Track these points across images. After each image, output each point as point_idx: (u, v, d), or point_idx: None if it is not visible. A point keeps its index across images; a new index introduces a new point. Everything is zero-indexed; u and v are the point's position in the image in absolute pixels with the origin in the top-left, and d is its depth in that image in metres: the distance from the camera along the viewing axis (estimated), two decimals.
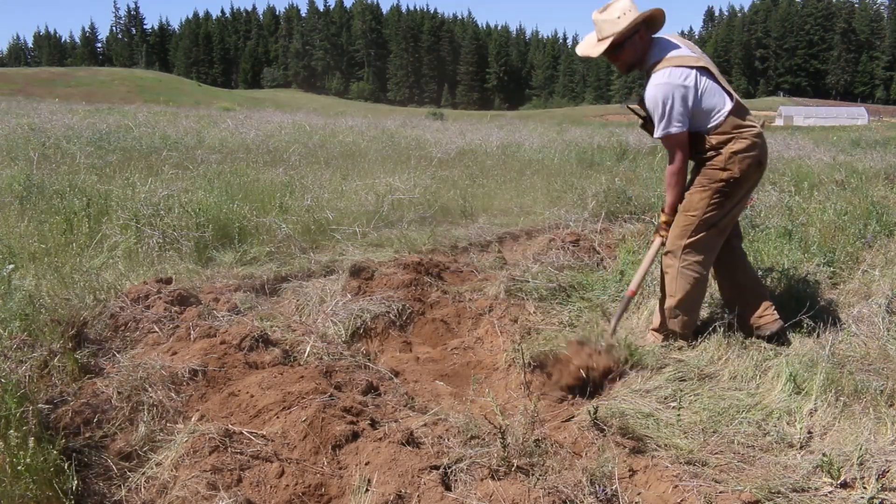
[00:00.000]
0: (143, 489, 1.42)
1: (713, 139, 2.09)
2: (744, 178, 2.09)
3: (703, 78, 2.06)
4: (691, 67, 2.05)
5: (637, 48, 2.09)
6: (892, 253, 3.13)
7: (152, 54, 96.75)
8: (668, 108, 2.02)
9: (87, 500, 1.39)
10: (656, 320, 2.24)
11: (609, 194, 4.72)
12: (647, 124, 2.18)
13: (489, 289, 2.83)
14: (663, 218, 2.19)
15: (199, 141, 7.80)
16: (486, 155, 7.56)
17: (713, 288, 2.49)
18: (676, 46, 2.10)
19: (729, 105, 2.07)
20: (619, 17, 2.04)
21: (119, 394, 1.70)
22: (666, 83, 2.02)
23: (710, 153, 2.10)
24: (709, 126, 2.09)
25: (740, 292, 2.25)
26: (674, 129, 2.04)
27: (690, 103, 2.03)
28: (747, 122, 2.10)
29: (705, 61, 2.10)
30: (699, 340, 2.22)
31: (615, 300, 2.64)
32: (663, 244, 2.18)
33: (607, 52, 2.08)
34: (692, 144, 2.12)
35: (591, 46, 2.13)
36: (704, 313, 2.43)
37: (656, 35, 2.14)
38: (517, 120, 22.18)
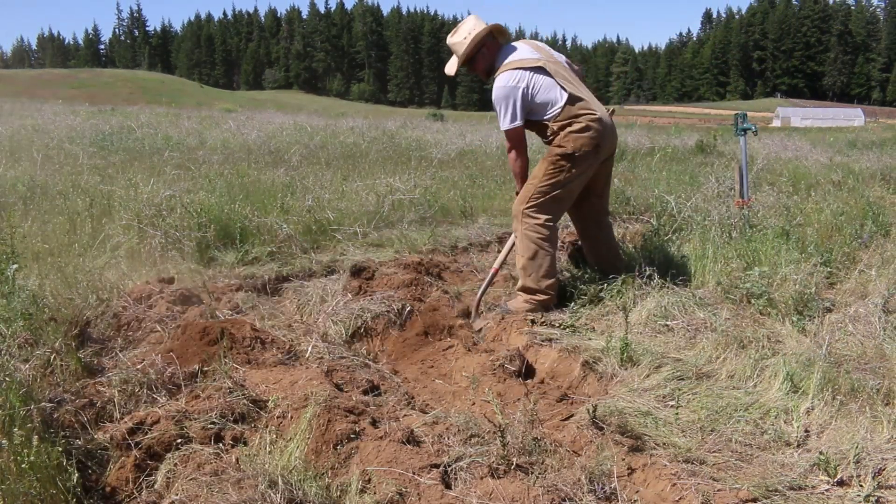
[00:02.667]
0: (144, 490, 1.44)
1: (554, 125, 2.47)
2: (579, 155, 2.43)
3: (538, 76, 2.44)
4: (525, 69, 2.44)
5: (486, 58, 2.53)
6: (889, 253, 3.14)
7: (155, 56, 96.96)
8: (504, 106, 2.44)
9: (89, 498, 1.40)
10: (519, 283, 2.57)
11: None
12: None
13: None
14: (518, 201, 2.53)
15: (200, 142, 7.83)
16: (486, 156, 7.58)
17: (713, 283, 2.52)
18: (515, 50, 2.52)
19: (564, 98, 2.44)
20: (465, 38, 2.49)
21: (121, 392, 1.71)
22: (503, 86, 2.44)
23: (550, 136, 2.50)
24: (547, 116, 2.48)
25: (600, 261, 2.76)
26: (508, 124, 2.45)
27: (522, 101, 2.43)
28: (583, 111, 2.46)
29: (545, 61, 2.48)
30: (697, 340, 2.23)
31: (613, 299, 2.65)
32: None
33: (465, 66, 2.54)
34: (539, 132, 2.54)
35: (452, 66, 2.58)
36: (700, 314, 2.44)
37: (511, 42, 2.57)
38: None
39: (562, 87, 2.45)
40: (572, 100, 2.44)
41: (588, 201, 2.68)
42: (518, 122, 2.45)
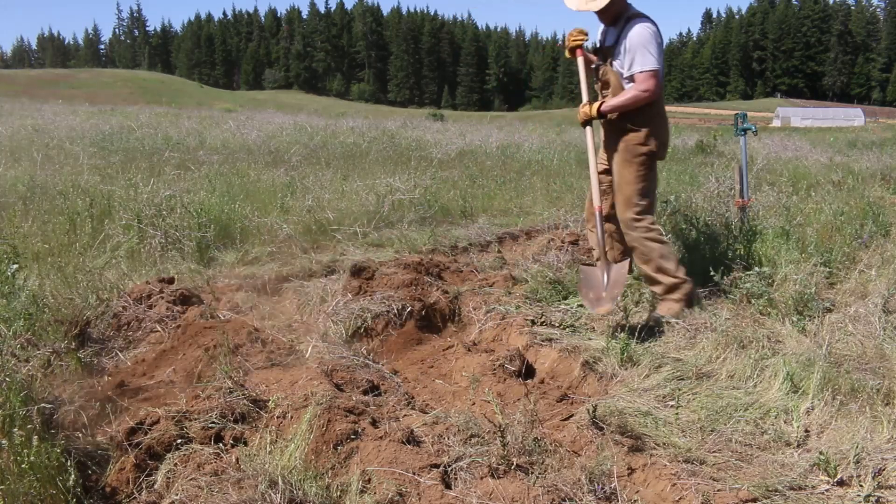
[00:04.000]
0: (144, 490, 1.44)
1: (643, 108, 2.37)
2: (660, 148, 2.42)
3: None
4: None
5: (622, 2, 2.42)
6: (889, 253, 3.14)
7: (155, 56, 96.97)
8: (651, 46, 2.31)
9: (89, 498, 1.40)
10: (658, 288, 2.48)
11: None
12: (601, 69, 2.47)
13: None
14: (594, 107, 2.42)
15: (200, 142, 7.83)
16: (486, 156, 7.58)
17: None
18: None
19: (662, 78, 2.37)
20: None
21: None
22: (650, 28, 2.33)
23: (634, 124, 2.39)
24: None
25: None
26: (655, 64, 2.31)
27: (660, 51, 2.33)
28: (662, 100, 2.44)
29: None
30: (697, 340, 2.23)
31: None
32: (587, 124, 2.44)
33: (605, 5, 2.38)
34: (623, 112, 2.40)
35: (588, 1, 2.40)
36: (701, 314, 2.44)
37: None
38: (517, 121, 22.20)
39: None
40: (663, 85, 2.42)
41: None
42: (660, 67, 2.32)
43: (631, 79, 2.36)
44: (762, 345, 2.14)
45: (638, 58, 2.31)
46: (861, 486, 1.44)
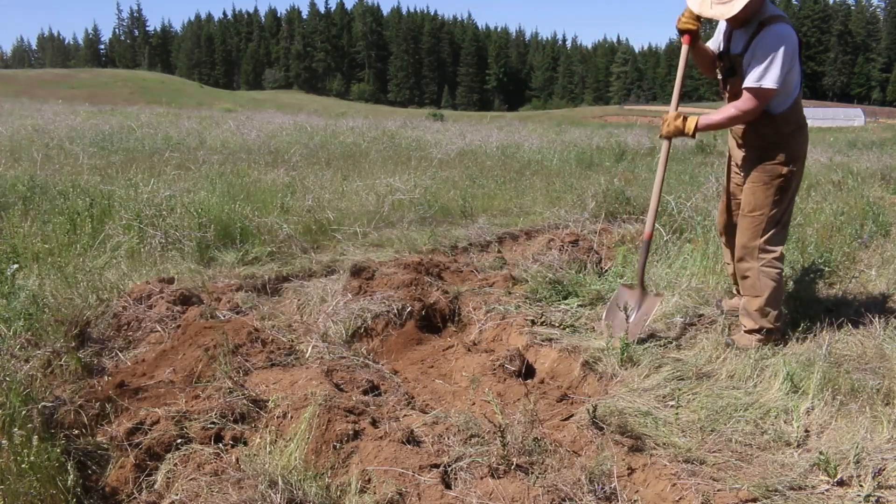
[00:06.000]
0: (144, 490, 1.44)
1: (779, 124, 2.07)
2: (798, 170, 2.11)
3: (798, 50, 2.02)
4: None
5: (758, 3, 2.03)
6: (889, 253, 3.14)
7: (155, 56, 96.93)
8: (775, 59, 1.94)
9: (89, 498, 1.40)
10: (749, 323, 2.22)
11: (608, 195, 4.73)
12: (726, 72, 2.12)
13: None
14: (690, 126, 2.09)
15: (200, 142, 7.83)
16: (486, 156, 7.57)
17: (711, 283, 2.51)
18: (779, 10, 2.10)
19: (799, 86, 2.06)
20: None
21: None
22: (787, 36, 1.96)
23: (771, 141, 2.09)
24: (781, 106, 2.05)
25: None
26: (772, 83, 1.96)
27: (790, 64, 1.98)
28: (802, 112, 2.10)
29: None
30: (697, 340, 2.23)
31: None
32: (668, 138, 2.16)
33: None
34: (756, 127, 2.09)
35: (717, 4, 2.04)
36: (701, 314, 2.44)
37: None
38: (517, 121, 22.19)
39: (801, 72, 2.05)
40: (801, 97, 2.08)
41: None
42: (778, 86, 1.96)
43: (745, 90, 2.02)
44: (762, 345, 2.14)
45: (767, 71, 1.96)
46: (861, 486, 1.44)
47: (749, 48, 2.03)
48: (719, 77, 2.23)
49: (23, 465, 1.30)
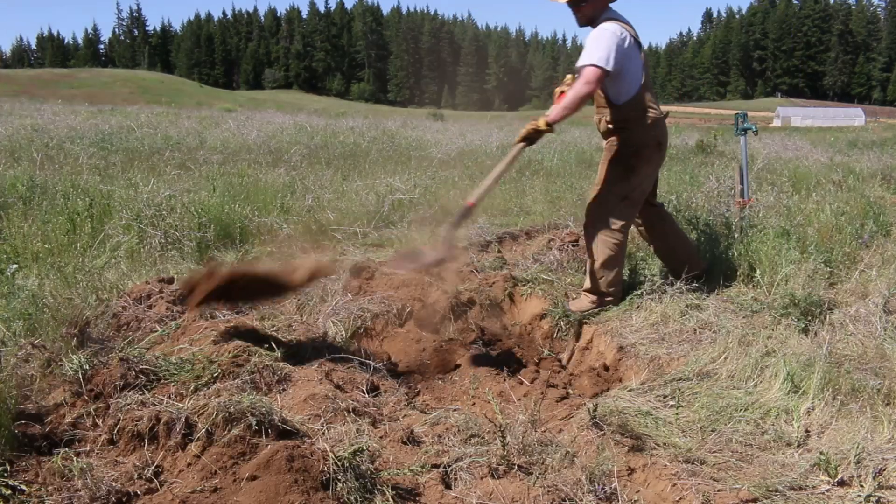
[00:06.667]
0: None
1: (623, 111, 2.37)
2: (647, 154, 2.39)
3: (634, 47, 2.33)
4: (629, 33, 2.34)
5: (598, 6, 2.38)
6: (889, 253, 3.14)
7: (154, 55, 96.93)
8: (602, 44, 2.24)
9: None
10: (587, 284, 2.53)
11: None
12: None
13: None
14: (541, 122, 2.31)
15: (200, 142, 7.83)
16: (486, 155, 7.57)
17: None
18: (617, 13, 2.42)
19: (640, 82, 2.35)
20: None
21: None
22: (610, 30, 2.28)
23: (616, 126, 2.41)
24: (621, 96, 2.36)
25: (677, 255, 2.66)
26: (597, 60, 2.23)
27: (617, 52, 2.25)
28: (651, 104, 2.39)
29: (638, 39, 2.41)
30: (697, 340, 2.23)
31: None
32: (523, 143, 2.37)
33: (575, 4, 2.39)
34: (606, 110, 2.41)
35: None
36: (701, 314, 2.44)
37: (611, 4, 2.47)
38: (517, 121, 22.19)
39: (644, 69, 2.37)
40: (647, 86, 2.37)
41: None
42: (608, 66, 2.23)
43: (579, 71, 2.28)
44: (762, 345, 2.14)
45: (589, 51, 2.25)
46: (861, 486, 1.44)
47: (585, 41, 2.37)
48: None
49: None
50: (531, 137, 2.35)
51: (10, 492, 1.30)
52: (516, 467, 1.49)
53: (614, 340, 2.33)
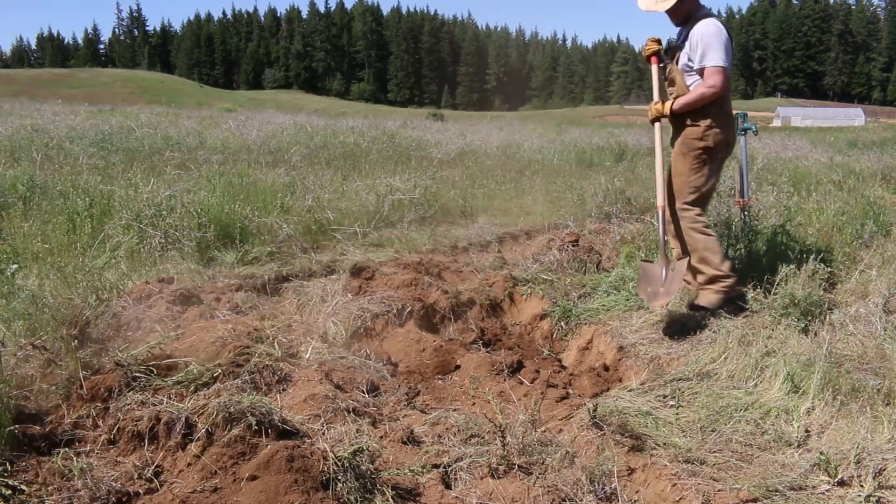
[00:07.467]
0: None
1: (711, 107, 2.39)
2: (718, 148, 2.45)
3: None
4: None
5: (692, 3, 2.46)
6: (889, 253, 3.14)
7: (154, 56, 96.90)
8: (717, 43, 2.33)
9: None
10: (703, 276, 2.51)
11: (608, 195, 4.73)
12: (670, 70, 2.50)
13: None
14: (666, 108, 2.45)
15: (200, 142, 7.82)
16: (486, 155, 7.57)
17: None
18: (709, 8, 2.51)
19: (729, 75, 2.39)
20: None
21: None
22: (717, 26, 2.36)
23: (696, 119, 2.43)
24: None
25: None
26: (722, 61, 2.33)
27: (728, 50, 2.35)
28: (727, 102, 2.45)
29: None
30: (697, 340, 2.23)
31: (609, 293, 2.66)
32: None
33: (674, 7, 2.45)
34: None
35: (657, 2, 2.46)
36: (702, 314, 2.44)
37: None
38: (517, 121, 22.19)
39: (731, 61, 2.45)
40: (730, 83, 2.45)
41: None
42: (729, 66, 2.36)
43: (699, 72, 2.39)
44: (763, 345, 2.14)
45: (708, 52, 2.35)
46: (861, 486, 1.44)
47: (688, 39, 2.42)
48: (660, 66, 2.60)
49: None
50: (657, 118, 2.51)
51: (10, 492, 1.30)
52: (516, 467, 1.49)
53: (614, 340, 2.33)
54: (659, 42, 2.57)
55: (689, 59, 2.41)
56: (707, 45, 2.34)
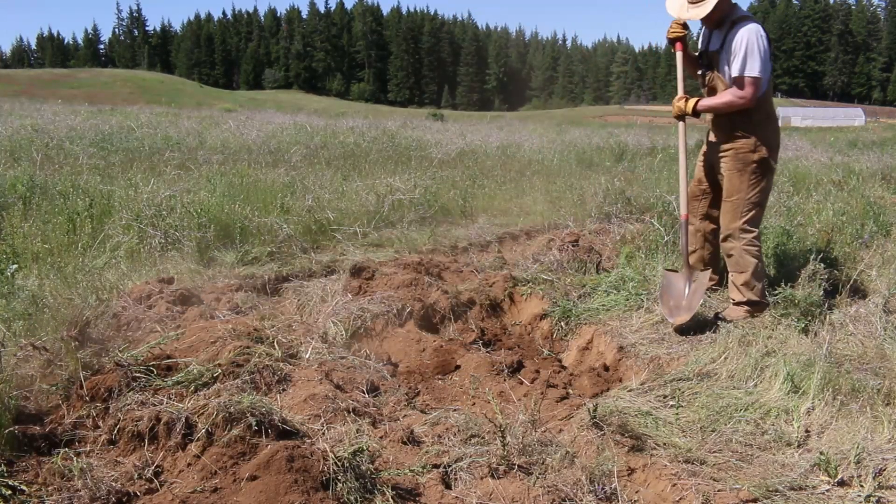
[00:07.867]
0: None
1: (751, 113, 2.30)
2: (772, 157, 2.34)
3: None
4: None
5: (724, 7, 2.32)
6: (889, 253, 3.14)
7: (154, 56, 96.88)
8: (757, 51, 2.22)
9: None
10: (737, 296, 2.44)
11: (608, 195, 4.73)
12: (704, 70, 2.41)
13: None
14: (689, 106, 2.34)
15: (200, 142, 7.82)
16: (486, 155, 7.57)
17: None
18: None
19: (768, 83, 2.30)
20: None
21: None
22: (757, 32, 2.24)
23: (744, 130, 2.33)
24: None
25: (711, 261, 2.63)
26: (759, 72, 2.22)
27: (768, 59, 2.26)
28: (772, 106, 2.37)
29: None
30: (698, 340, 2.23)
31: (608, 293, 2.66)
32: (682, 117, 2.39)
33: (709, 16, 2.31)
34: (730, 116, 2.34)
35: (692, 7, 2.32)
36: (702, 315, 2.44)
37: None
38: (517, 121, 22.20)
39: (771, 65, 2.34)
40: (772, 86, 2.36)
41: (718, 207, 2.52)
42: (764, 76, 2.24)
43: (735, 81, 2.29)
44: (763, 345, 2.14)
45: (747, 62, 2.24)
46: (861, 486, 1.44)
47: (724, 44, 2.31)
48: (699, 73, 2.49)
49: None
50: (681, 116, 2.41)
51: (10, 492, 1.30)
52: (516, 467, 1.49)
53: (614, 340, 2.33)
54: (686, 27, 2.41)
55: (728, 65, 2.29)
56: (749, 52, 2.22)
